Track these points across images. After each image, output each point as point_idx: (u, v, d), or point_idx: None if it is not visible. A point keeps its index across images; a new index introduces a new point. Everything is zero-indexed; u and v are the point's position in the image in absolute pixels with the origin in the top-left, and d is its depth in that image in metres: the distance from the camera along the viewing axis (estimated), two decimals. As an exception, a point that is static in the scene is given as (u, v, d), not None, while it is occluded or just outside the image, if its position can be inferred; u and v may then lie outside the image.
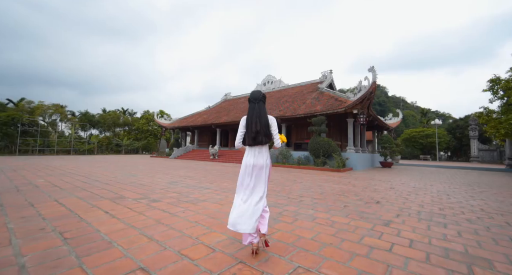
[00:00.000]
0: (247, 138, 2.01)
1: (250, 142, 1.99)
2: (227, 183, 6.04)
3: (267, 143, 2.03)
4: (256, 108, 2.02)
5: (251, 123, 1.97)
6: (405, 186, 6.31)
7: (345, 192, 5.13)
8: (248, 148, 2.07)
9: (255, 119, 1.97)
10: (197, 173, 8.30)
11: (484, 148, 24.88)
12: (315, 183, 6.49)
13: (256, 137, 1.95)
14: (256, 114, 1.99)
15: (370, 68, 10.38)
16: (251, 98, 2.07)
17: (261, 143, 1.99)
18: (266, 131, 1.97)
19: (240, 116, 18.22)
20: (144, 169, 9.14)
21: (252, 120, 1.97)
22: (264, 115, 2.00)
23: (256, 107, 2.02)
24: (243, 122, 2.05)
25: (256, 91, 2.11)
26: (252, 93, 2.10)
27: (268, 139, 1.99)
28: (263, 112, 2.01)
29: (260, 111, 2.01)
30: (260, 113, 1.99)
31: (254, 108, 2.02)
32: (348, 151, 12.02)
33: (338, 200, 4.26)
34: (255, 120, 1.97)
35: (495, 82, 11.83)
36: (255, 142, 1.97)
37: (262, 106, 2.04)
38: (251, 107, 2.04)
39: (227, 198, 4.19)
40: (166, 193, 4.45)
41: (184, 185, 5.47)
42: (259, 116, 1.98)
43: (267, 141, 1.99)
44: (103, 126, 30.20)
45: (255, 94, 2.08)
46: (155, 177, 6.90)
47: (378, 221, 2.99)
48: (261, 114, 1.99)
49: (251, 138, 1.97)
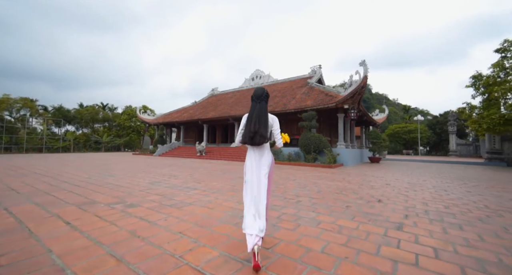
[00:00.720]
0: (245, 138, 1.96)
1: (248, 141, 1.94)
2: (216, 182, 5.56)
3: (263, 143, 1.95)
4: (257, 108, 1.97)
5: (250, 123, 1.93)
6: (400, 182, 6.18)
7: (342, 190, 4.85)
8: (249, 147, 2.03)
9: (255, 119, 1.93)
10: (183, 171, 7.72)
11: (462, 142, 26.20)
12: (309, 180, 6.18)
13: (254, 137, 1.90)
14: (257, 114, 1.95)
15: (361, 62, 10.22)
16: (253, 97, 2.03)
17: (258, 144, 1.93)
18: (263, 132, 1.91)
19: (228, 111, 17.63)
20: (124, 168, 8.39)
21: (252, 120, 1.94)
22: (264, 115, 1.96)
23: (257, 106, 1.98)
24: (243, 121, 2.02)
25: (260, 89, 2.05)
26: (255, 91, 2.05)
27: (264, 140, 1.93)
28: (264, 112, 1.97)
29: (261, 111, 1.96)
30: (260, 113, 1.95)
31: (255, 107, 1.98)
32: (339, 147, 11.92)
33: (337, 199, 3.94)
34: (255, 120, 1.93)
35: (477, 78, 12.18)
36: (253, 142, 1.92)
37: (264, 106, 1.99)
38: (253, 106, 2.00)
39: (217, 200, 3.73)
40: (146, 196, 3.90)
41: (168, 186, 4.92)
42: (259, 116, 1.94)
43: (263, 141, 1.93)
44: (80, 122, 28.13)
45: (258, 92, 2.03)
46: (135, 176, 6.26)
47: (388, 224, 2.68)
48: (261, 114, 1.95)
49: (249, 138, 1.92)
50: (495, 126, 10.43)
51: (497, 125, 10.34)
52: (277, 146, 2.11)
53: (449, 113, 28.08)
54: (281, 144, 2.07)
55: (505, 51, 11.27)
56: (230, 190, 4.56)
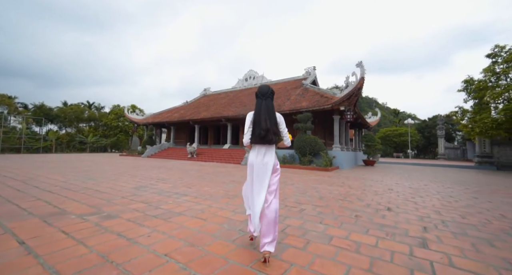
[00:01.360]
0: (255, 136, 1.88)
1: (258, 140, 1.86)
2: (209, 186, 5.10)
3: (276, 141, 1.90)
4: (264, 105, 1.90)
5: (260, 121, 1.85)
6: (402, 187, 5.94)
7: (345, 196, 4.52)
8: (255, 146, 1.94)
9: (264, 116, 1.85)
10: (172, 174, 7.19)
11: (450, 146, 26.86)
12: (307, 184, 5.83)
13: (266, 135, 1.83)
14: (265, 111, 1.87)
15: (358, 63, 10.06)
16: (258, 94, 1.96)
17: (271, 142, 1.87)
18: (275, 130, 1.88)
19: (220, 112, 17.15)
20: (108, 170, 7.75)
21: (261, 118, 1.85)
22: (272, 112, 1.90)
23: (264, 103, 1.90)
24: (250, 118, 1.93)
25: (265, 86, 2.00)
26: (260, 88, 1.98)
27: (276, 138, 1.89)
28: (271, 109, 1.91)
29: (269, 108, 1.89)
30: (269, 110, 1.88)
31: (262, 104, 1.90)
32: (334, 149, 11.69)
33: (343, 207, 3.59)
34: (264, 117, 1.85)
35: (469, 83, 12.35)
36: (264, 140, 1.85)
37: (270, 103, 1.92)
38: (259, 103, 1.92)
39: (210, 208, 3.29)
40: (128, 204, 3.40)
41: (155, 191, 4.42)
42: (268, 113, 1.87)
43: (276, 139, 1.88)
44: (63, 121, 26.60)
45: (263, 89, 1.97)
46: (118, 180, 5.69)
47: (409, 239, 2.33)
48: (269, 111, 1.88)
49: (260, 137, 1.84)
50: (487, 130, 10.54)
51: (489, 129, 10.46)
52: (285, 145, 2.03)
53: (438, 117, 28.77)
54: (289, 142, 2.00)
55: (495, 56, 11.49)
56: (224, 196, 4.13)
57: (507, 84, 10.70)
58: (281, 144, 2.05)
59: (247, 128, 1.93)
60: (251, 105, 16.34)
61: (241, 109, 16.00)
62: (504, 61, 10.77)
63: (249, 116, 1.95)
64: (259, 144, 1.90)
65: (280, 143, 2.05)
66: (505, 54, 11.01)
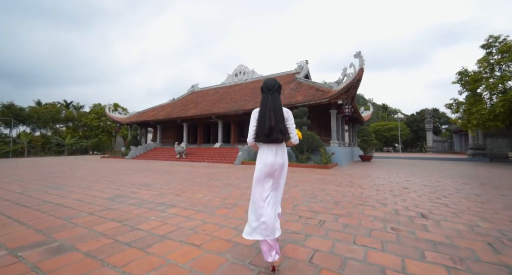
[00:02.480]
0: (260, 135, 1.70)
1: (264, 139, 1.70)
2: (201, 193, 4.30)
3: (283, 140, 1.73)
4: (270, 100, 1.72)
5: (265, 118, 1.67)
6: (414, 184, 5.43)
7: (362, 199, 3.89)
8: (263, 145, 1.75)
9: (269, 113, 1.68)
10: (158, 178, 6.30)
11: (438, 139, 27.43)
12: (313, 185, 5.18)
13: (271, 133, 1.66)
14: (270, 107, 1.70)
15: (356, 53, 9.52)
16: (264, 88, 1.78)
17: (277, 141, 1.70)
18: (282, 127, 1.69)
19: (210, 108, 16.22)
20: (82, 176, 6.73)
21: (266, 114, 1.68)
22: (279, 107, 1.72)
23: (270, 98, 1.73)
24: (255, 115, 1.76)
25: (271, 80, 1.81)
26: (266, 82, 1.80)
27: (284, 136, 1.72)
28: (278, 104, 1.73)
29: (275, 103, 1.72)
30: (275, 106, 1.71)
31: (268, 99, 1.73)
32: (332, 145, 11.18)
33: (369, 215, 2.94)
34: (269, 114, 1.67)
35: (463, 74, 12.21)
36: (269, 139, 1.68)
37: (277, 97, 1.75)
38: (264, 98, 1.75)
39: (205, 225, 2.53)
40: (95, 224, 2.56)
41: (134, 202, 3.58)
42: (274, 109, 1.69)
43: (283, 138, 1.71)
44: (37, 122, 24.38)
45: (269, 83, 1.78)
46: (92, 188, 4.76)
47: (490, 268, 1.69)
48: (276, 107, 1.70)
49: (265, 135, 1.67)
50: (484, 121, 10.42)
51: (486, 120, 10.33)
52: (292, 143, 1.84)
53: (426, 111, 29.28)
54: (297, 140, 1.84)
55: (490, 47, 11.38)
56: (221, 206, 3.37)
57: (502, 74, 10.62)
58: (288, 142, 1.84)
59: (252, 126, 1.75)
60: (242, 101, 15.52)
61: (232, 105, 15.15)
62: (499, 51, 10.67)
63: (254, 113, 1.77)
64: (266, 143, 1.73)
65: (288, 142, 1.84)
66: (499, 44, 10.93)
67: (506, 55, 10.38)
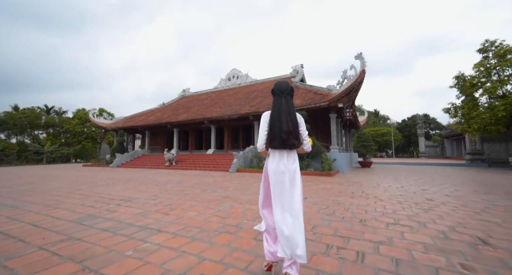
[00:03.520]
0: (274, 140, 1.57)
1: (278, 144, 1.57)
2: (195, 209, 3.52)
3: (299, 146, 1.64)
4: (284, 104, 1.61)
5: (281, 122, 1.56)
6: (435, 194, 4.89)
7: (391, 216, 3.25)
8: (274, 151, 1.62)
9: (285, 117, 1.57)
10: (144, 190, 5.44)
11: (430, 144, 27.72)
12: (323, 197, 4.52)
13: (288, 139, 1.55)
14: (285, 111, 1.58)
15: (357, 55, 9.15)
16: (276, 90, 1.66)
17: (293, 147, 1.59)
18: (297, 132, 1.60)
19: (203, 113, 15.44)
20: (53, 189, 5.75)
21: (282, 119, 1.57)
22: (293, 112, 1.62)
23: (283, 102, 1.61)
24: (266, 118, 1.63)
25: (283, 82, 1.69)
26: (278, 85, 1.68)
27: (298, 141, 1.62)
28: (292, 108, 1.62)
29: (289, 107, 1.61)
30: (290, 110, 1.60)
31: (281, 103, 1.61)
32: (332, 151, 10.63)
33: (414, 242, 2.29)
34: (285, 119, 1.56)
35: (460, 79, 12.16)
36: (285, 145, 1.56)
37: (290, 101, 1.65)
38: (277, 102, 1.63)
39: (203, 265, 1.77)
40: (39, 269, 1.74)
41: (109, 226, 2.76)
42: (289, 113, 1.58)
43: (298, 144, 1.62)
44: (12, 129, 22.55)
45: (281, 86, 1.66)
46: (59, 206, 3.87)
47: None
48: (291, 111, 1.60)
49: (281, 140, 1.55)
50: (486, 125, 10.25)
51: (488, 124, 10.17)
52: (305, 150, 1.69)
53: (417, 116, 29.69)
54: (310, 148, 1.71)
55: (486, 51, 11.41)
56: (222, 229, 2.61)
57: (500, 78, 10.60)
58: (300, 149, 1.69)
59: (263, 131, 1.62)
60: (236, 105, 14.86)
61: (226, 110, 14.45)
62: (496, 55, 10.68)
63: (265, 117, 1.64)
64: (279, 149, 1.59)
65: (299, 149, 1.69)
66: (495, 49, 10.97)
67: (502, 60, 10.39)
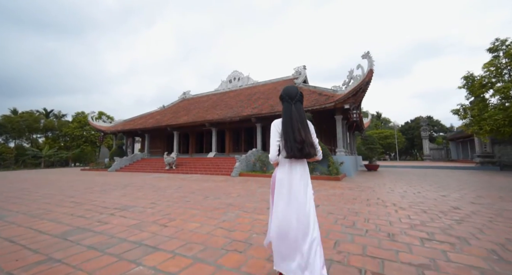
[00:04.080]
0: (288, 149, 1.45)
1: (294, 153, 1.44)
2: (197, 219, 3.12)
3: (315, 155, 1.52)
4: (294, 110, 1.51)
5: (294, 130, 1.46)
6: (459, 202, 4.48)
7: (420, 228, 2.84)
8: (285, 161, 1.52)
9: (298, 125, 1.47)
10: (141, 196, 5.03)
11: (434, 147, 27.25)
12: (337, 204, 4.12)
13: (303, 148, 1.44)
14: (296, 118, 1.49)
15: (364, 54, 8.81)
16: (285, 96, 1.57)
17: (308, 156, 1.49)
18: (311, 140, 1.50)
19: (204, 115, 15.08)
20: (44, 196, 5.34)
21: (294, 126, 1.47)
22: (305, 118, 1.53)
23: (293, 109, 1.51)
24: (277, 127, 1.54)
25: (292, 88, 1.59)
26: (287, 90, 1.58)
27: (315, 150, 1.50)
28: (303, 115, 1.53)
29: (300, 114, 1.52)
30: (301, 117, 1.51)
31: (292, 110, 1.51)
32: (338, 154, 10.23)
33: (463, 264, 1.88)
34: (298, 126, 1.46)
35: (469, 79, 11.82)
36: (302, 154, 1.45)
37: (301, 108, 1.55)
38: (287, 109, 1.54)
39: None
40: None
41: (96, 242, 2.35)
42: (301, 121, 1.49)
43: (314, 152, 1.50)
44: (10, 132, 22.21)
45: (290, 91, 1.56)
46: (46, 216, 3.47)
47: None
48: (302, 118, 1.51)
49: (297, 149, 1.43)
50: (499, 127, 9.85)
51: (501, 126, 9.77)
52: (317, 158, 1.57)
53: (420, 118, 29.30)
54: (321, 155, 1.60)
55: (496, 51, 11.08)
56: (229, 246, 2.21)
57: (511, 78, 10.25)
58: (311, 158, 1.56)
59: (275, 141, 1.52)
60: (238, 107, 14.51)
61: (227, 112, 14.10)
62: (507, 54, 10.35)
63: (275, 125, 1.55)
64: (293, 159, 1.50)
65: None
66: (506, 47, 10.65)
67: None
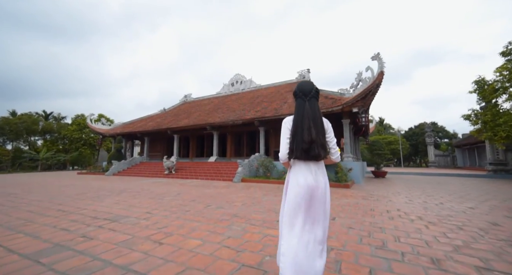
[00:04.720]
0: (296, 150, 1.34)
1: (300, 155, 1.34)
2: (198, 234, 2.65)
3: (325, 157, 1.38)
4: (307, 107, 1.38)
5: (303, 129, 1.33)
6: (492, 216, 4.01)
7: (465, 251, 2.37)
8: (299, 163, 1.39)
9: (308, 123, 1.34)
10: (136, 204, 4.56)
11: (440, 153, 26.71)
12: (355, 217, 3.65)
13: (310, 148, 1.31)
14: (308, 116, 1.36)
15: (374, 55, 8.45)
16: (299, 93, 1.44)
17: (317, 158, 1.35)
18: (323, 141, 1.35)
19: (205, 118, 14.69)
20: (31, 202, 4.88)
21: (304, 125, 1.34)
22: (319, 117, 1.38)
23: (307, 105, 1.39)
24: (287, 125, 1.41)
25: (307, 83, 1.46)
26: (301, 86, 1.45)
27: (325, 152, 1.36)
28: (318, 113, 1.39)
29: (314, 111, 1.38)
30: (314, 115, 1.37)
31: (305, 107, 1.39)
32: (346, 160, 9.74)
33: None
34: (308, 125, 1.33)
35: (480, 83, 11.44)
36: (309, 155, 1.33)
37: (315, 105, 1.42)
38: (300, 105, 1.41)
39: None
40: None
41: (76, 267, 1.89)
42: (314, 119, 1.36)
43: (325, 154, 1.36)
44: (8, 134, 21.80)
45: (305, 87, 1.44)
46: (26, 229, 3.01)
47: None
48: (315, 116, 1.37)
49: (303, 150, 1.32)
50: (516, 133, 9.41)
51: (518, 132, 9.34)
52: (333, 160, 1.44)
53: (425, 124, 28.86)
54: (339, 157, 1.47)
55: (510, 54, 10.73)
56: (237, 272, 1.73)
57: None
58: (327, 160, 1.43)
59: (285, 139, 1.39)
60: (240, 110, 14.13)
61: (229, 115, 13.70)
62: (523, 58, 10.01)
63: (286, 123, 1.43)
64: (304, 160, 1.36)
65: (327, 159, 1.42)
66: (521, 51, 10.30)
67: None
